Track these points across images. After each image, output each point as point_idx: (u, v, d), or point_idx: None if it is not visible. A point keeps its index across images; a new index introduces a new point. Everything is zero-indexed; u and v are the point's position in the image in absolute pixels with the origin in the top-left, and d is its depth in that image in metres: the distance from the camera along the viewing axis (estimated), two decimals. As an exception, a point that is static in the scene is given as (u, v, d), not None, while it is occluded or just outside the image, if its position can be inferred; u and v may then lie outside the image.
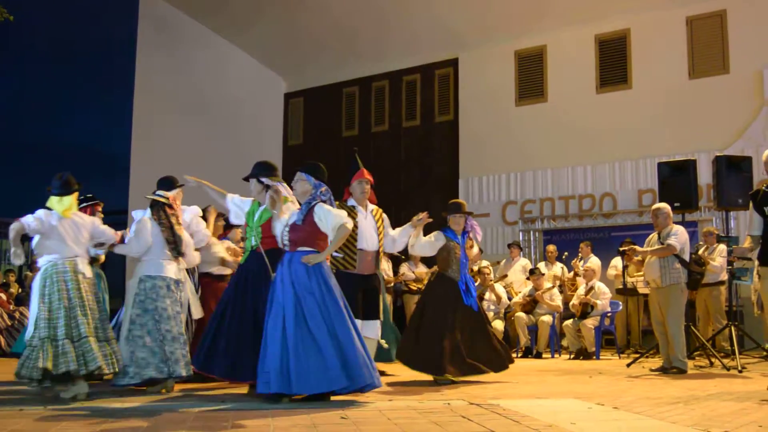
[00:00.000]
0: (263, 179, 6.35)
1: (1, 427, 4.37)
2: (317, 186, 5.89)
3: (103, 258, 7.76)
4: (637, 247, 8.58)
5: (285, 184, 6.26)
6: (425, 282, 10.52)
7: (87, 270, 6.36)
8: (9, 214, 34.21)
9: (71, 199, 6.42)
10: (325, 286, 5.67)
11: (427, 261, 10.72)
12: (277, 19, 16.66)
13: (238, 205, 6.65)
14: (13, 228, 6.05)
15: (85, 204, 7.86)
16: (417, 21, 15.72)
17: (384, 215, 7.29)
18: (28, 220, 6.10)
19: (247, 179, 6.55)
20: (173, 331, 6.46)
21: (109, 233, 6.72)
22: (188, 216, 7.21)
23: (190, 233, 7.02)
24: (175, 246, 6.64)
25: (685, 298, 8.40)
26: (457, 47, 16.04)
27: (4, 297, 12.15)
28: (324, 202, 5.84)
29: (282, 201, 5.98)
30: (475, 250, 7.93)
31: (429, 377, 7.11)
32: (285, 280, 5.68)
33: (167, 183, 6.95)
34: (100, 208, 7.97)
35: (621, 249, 8.98)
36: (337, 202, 6.98)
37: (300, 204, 5.97)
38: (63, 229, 6.23)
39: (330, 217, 5.71)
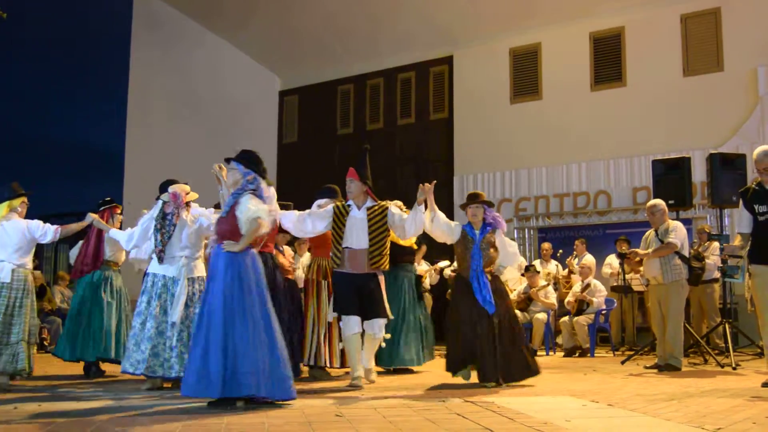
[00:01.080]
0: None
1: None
2: (245, 175, 5.61)
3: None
4: (638, 250, 8.53)
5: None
6: (425, 279, 10.44)
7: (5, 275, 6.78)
8: (3, 212, 34.14)
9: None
10: (237, 282, 5.33)
11: (429, 258, 10.65)
12: (271, 17, 16.65)
13: None
14: None
15: (103, 207, 7.94)
16: (412, 18, 15.71)
17: (391, 210, 6.88)
18: None
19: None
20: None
21: (46, 227, 7.00)
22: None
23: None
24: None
25: (686, 294, 8.42)
26: (452, 45, 16.05)
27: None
28: (253, 191, 5.56)
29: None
30: (499, 258, 7.10)
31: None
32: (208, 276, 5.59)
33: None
34: (118, 211, 8.10)
35: (621, 253, 8.94)
36: (339, 201, 6.96)
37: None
38: None
39: (243, 209, 5.41)
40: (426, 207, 6.76)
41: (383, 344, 7.31)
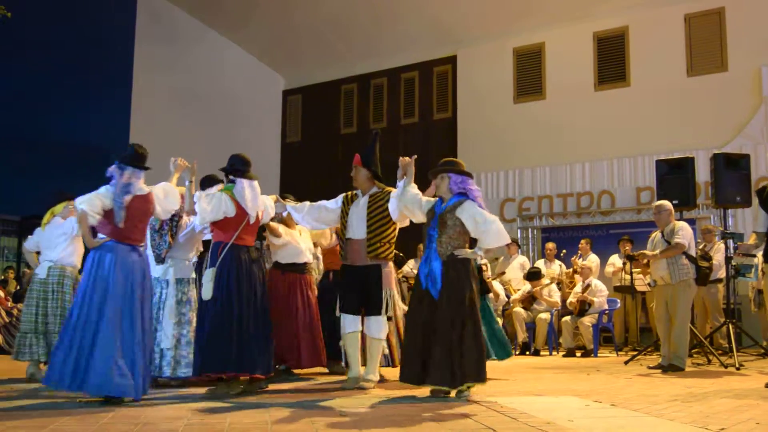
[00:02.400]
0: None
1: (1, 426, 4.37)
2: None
3: None
4: (646, 252, 8.50)
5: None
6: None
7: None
8: (7, 211, 34.20)
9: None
10: (92, 278, 5.45)
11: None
12: (274, 16, 16.66)
13: None
14: None
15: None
16: (415, 18, 15.72)
17: (392, 195, 6.46)
18: None
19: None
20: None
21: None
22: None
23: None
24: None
25: (693, 294, 8.39)
26: (456, 45, 16.05)
27: (2, 294, 12.14)
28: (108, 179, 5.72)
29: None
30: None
31: None
32: None
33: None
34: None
35: (629, 255, 8.90)
36: (351, 192, 6.81)
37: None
38: None
39: None
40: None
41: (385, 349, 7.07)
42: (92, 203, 5.49)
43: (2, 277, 13.89)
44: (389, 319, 6.58)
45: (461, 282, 5.67)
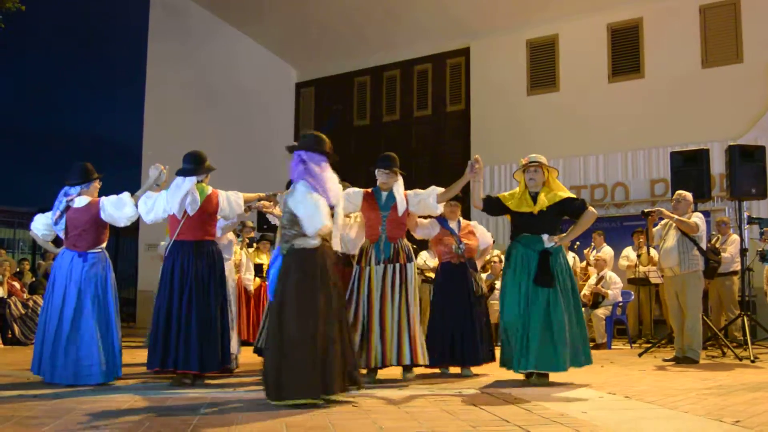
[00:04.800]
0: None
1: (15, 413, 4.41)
2: None
3: None
4: (664, 210, 8.51)
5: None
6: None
7: None
8: (21, 204, 34.45)
9: None
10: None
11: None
12: (288, 9, 16.66)
13: None
14: None
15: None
16: (428, 10, 15.69)
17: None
18: None
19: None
20: None
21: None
22: None
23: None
24: None
25: (702, 285, 8.37)
26: (469, 36, 16.01)
27: (17, 286, 12.22)
28: None
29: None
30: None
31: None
32: None
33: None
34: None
35: (646, 211, 8.82)
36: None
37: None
38: None
39: None
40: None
41: None
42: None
43: (18, 269, 13.96)
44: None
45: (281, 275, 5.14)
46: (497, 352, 6.56)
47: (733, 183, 9.35)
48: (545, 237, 6.23)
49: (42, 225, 6.67)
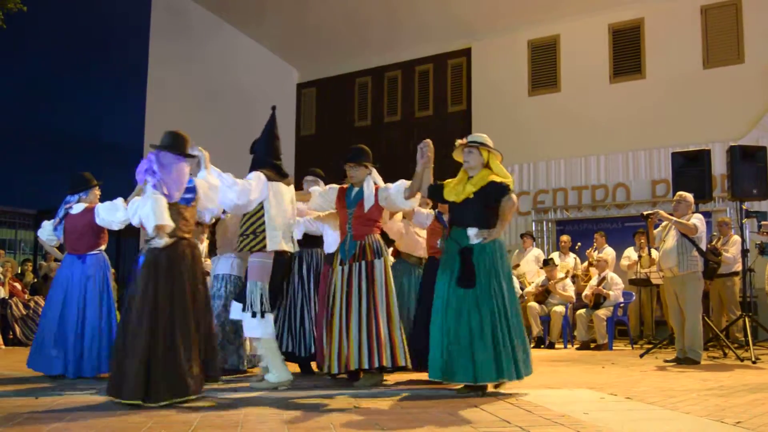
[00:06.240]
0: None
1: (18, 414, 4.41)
2: None
3: None
4: (662, 212, 8.53)
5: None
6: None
7: None
8: (24, 205, 34.46)
9: None
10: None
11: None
12: (289, 9, 16.66)
13: None
14: None
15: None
16: (430, 10, 15.69)
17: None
18: None
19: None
20: None
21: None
22: None
23: None
24: None
25: (702, 286, 8.36)
26: (470, 37, 16.01)
27: (19, 286, 12.24)
28: None
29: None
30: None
31: None
32: None
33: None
34: None
35: (645, 213, 8.85)
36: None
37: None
38: None
39: None
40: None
41: None
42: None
43: (20, 270, 13.98)
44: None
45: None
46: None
47: (735, 184, 9.36)
48: (471, 231, 5.51)
49: (47, 231, 7.13)
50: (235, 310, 6.06)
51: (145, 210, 5.02)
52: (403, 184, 6.20)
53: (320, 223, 6.89)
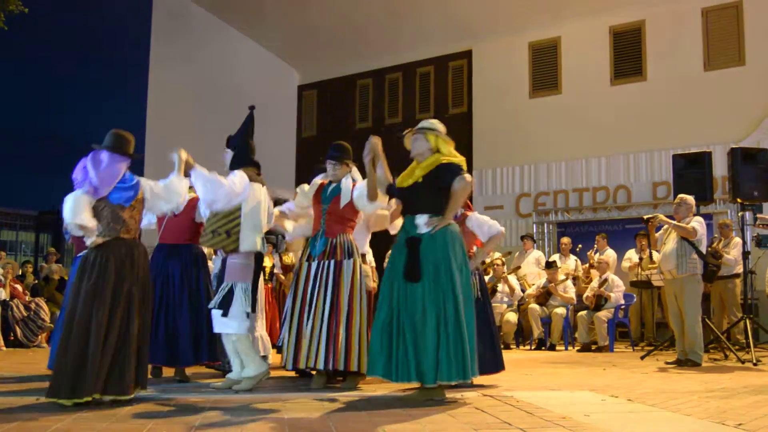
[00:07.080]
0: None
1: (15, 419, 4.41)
2: None
3: None
4: (661, 216, 8.54)
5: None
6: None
7: None
8: (25, 206, 34.49)
9: None
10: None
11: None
12: (290, 11, 16.69)
13: None
14: None
15: None
16: (431, 13, 15.70)
17: None
18: None
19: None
20: None
21: None
22: None
23: None
24: None
25: (701, 288, 8.37)
26: (471, 39, 16.02)
27: (20, 288, 12.23)
28: None
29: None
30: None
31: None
32: None
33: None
34: None
35: (646, 218, 8.87)
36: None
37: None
38: None
39: None
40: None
41: None
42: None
43: (20, 272, 13.97)
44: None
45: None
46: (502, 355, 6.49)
47: (736, 186, 9.35)
48: (421, 219, 5.14)
49: None
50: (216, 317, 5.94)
51: (65, 208, 4.87)
52: (365, 185, 5.86)
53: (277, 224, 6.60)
